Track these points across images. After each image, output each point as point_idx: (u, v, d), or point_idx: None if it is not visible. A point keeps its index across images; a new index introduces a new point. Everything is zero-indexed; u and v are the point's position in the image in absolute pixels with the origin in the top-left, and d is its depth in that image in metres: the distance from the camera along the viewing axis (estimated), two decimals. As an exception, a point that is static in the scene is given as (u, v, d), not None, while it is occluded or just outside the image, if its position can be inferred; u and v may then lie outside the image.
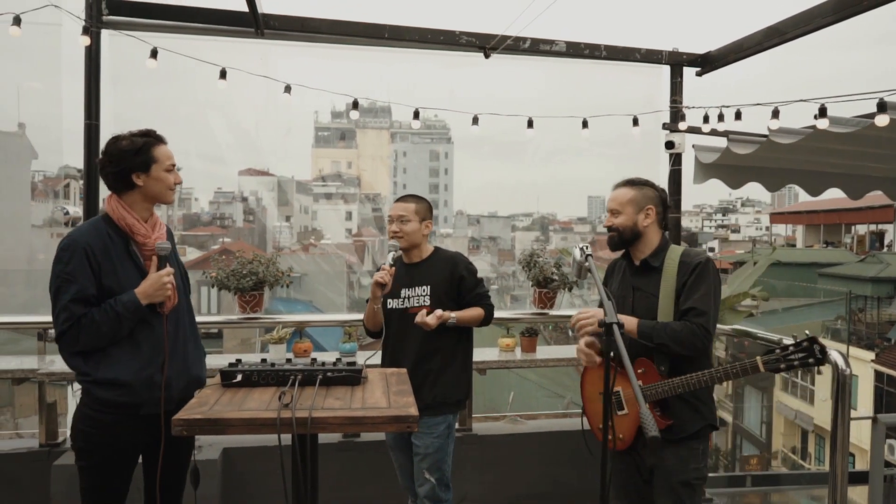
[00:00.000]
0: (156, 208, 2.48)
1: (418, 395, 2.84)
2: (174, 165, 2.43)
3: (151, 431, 2.32)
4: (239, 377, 2.19)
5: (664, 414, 2.45)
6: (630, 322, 2.43)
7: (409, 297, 3.04)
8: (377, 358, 3.12)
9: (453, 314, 2.96)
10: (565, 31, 5.48)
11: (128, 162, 2.33)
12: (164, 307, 2.37)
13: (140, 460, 2.44)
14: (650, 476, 2.53)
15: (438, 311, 2.92)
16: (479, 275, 3.15)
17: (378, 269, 3.00)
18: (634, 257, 2.64)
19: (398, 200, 3.10)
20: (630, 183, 2.64)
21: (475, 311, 3.06)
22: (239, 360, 2.27)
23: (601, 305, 2.24)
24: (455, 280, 3.04)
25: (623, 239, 2.60)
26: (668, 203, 2.69)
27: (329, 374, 2.21)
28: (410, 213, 3.03)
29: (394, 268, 2.94)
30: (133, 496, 2.41)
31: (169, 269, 2.37)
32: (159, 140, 2.41)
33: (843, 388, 2.95)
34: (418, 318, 2.90)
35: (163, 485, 2.40)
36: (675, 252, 2.56)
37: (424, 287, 3.02)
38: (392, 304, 3.06)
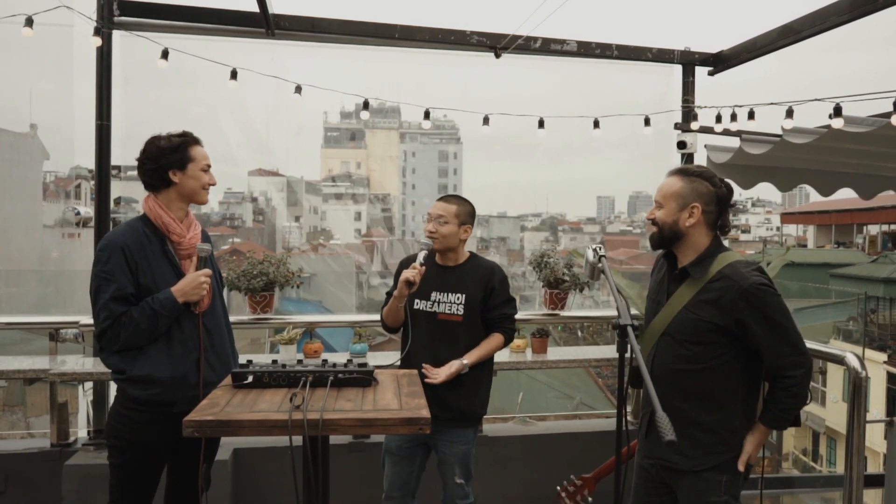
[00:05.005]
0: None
1: (446, 404, 2.77)
2: (209, 166, 2.50)
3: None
4: (250, 378, 2.18)
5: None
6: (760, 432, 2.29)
7: (439, 302, 2.88)
8: (391, 359, 3.06)
9: (465, 360, 2.81)
10: (576, 31, 5.46)
11: (166, 159, 2.40)
12: (199, 307, 2.41)
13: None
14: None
15: (449, 369, 2.78)
16: (512, 293, 2.95)
17: (402, 266, 2.86)
18: (678, 259, 2.33)
19: (441, 199, 2.95)
20: (682, 172, 2.29)
21: (494, 342, 2.91)
22: (250, 361, 2.27)
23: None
24: (487, 290, 2.89)
25: (663, 236, 2.29)
26: (727, 201, 2.28)
27: (340, 375, 2.20)
28: (450, 216, 2.87)
29: (423, 267, 2.76)
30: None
31: (206, 269, 2.42)
32: (196, 141, 2.49)
33: (858, 391, 2.91)
34: (428, 379, 2.72)
35: (191, 485, 2.45)
36: (722, 263, 2.21)
37: (459, 295, 2.87)
38: (419, 304, 2.91)
